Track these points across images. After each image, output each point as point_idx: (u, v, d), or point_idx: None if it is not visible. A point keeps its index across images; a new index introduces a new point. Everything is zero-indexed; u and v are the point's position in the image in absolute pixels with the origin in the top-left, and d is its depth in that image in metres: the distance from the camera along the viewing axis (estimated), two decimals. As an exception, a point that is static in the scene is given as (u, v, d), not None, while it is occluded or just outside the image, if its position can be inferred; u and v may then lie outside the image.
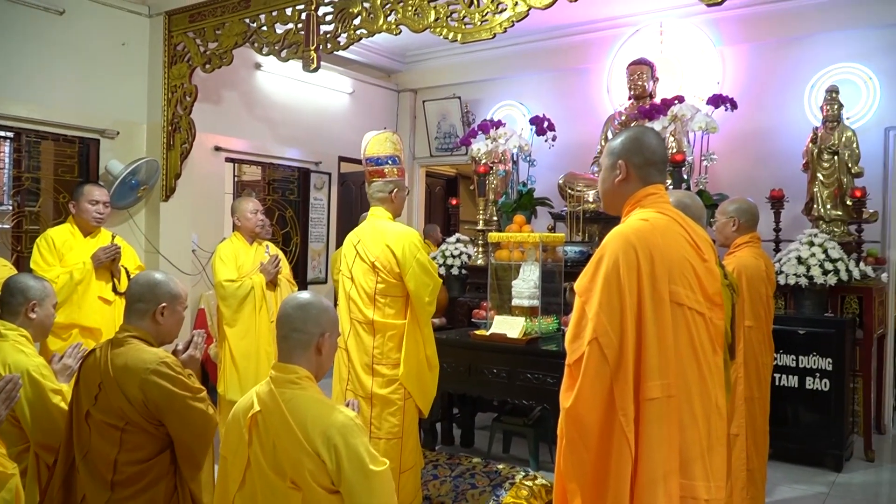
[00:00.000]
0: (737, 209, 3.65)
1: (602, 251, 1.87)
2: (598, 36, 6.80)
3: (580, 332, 1.85)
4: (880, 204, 5.50)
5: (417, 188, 8.30)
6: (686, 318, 1.86)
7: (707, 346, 1.91)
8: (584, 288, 1.88)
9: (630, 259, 1.82)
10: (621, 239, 1.85)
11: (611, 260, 1.83)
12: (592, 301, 1.83)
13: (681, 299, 1.85)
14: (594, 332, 1.79)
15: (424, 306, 3.30)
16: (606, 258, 1.85)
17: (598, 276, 1.84)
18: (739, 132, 6.00)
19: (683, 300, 1.86)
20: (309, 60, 4.61)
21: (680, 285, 1.86)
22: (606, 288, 1.81)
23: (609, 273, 1.82)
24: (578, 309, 1.88)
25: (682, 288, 1.86)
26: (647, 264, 1.82)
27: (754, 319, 3.49)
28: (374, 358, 3.29)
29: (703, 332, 1.90)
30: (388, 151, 3.41)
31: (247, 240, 4.45)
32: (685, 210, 2.66)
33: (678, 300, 1.85)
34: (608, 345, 1.78)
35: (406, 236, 3.27)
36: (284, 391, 1.97)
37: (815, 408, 4.65)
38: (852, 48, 5.64)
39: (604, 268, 1.84)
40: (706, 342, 1.91)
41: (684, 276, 1.88)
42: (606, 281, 1.82)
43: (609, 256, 1.84)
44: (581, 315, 1.86)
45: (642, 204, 1.99)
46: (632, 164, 2.00)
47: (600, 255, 1.87)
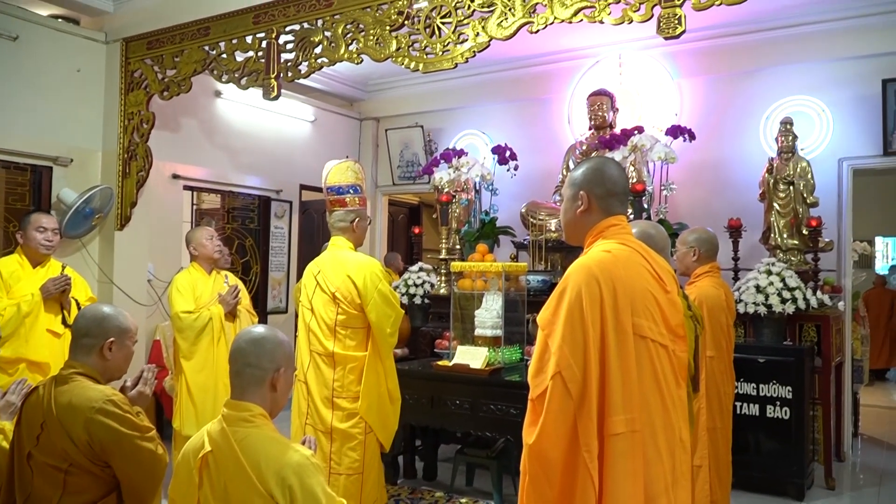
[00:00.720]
0: (697, 239, 3.67)
1: (565, 283, 1.85)
2: (559, 67, 6.88)
3: (543, 366, 1.81)
4: (835, 233, 5.60)
5: (380, 217, 8.26)
6: (649, 351, 1.84)
7: (671, 379, 1.89)
8: (546, 321, 1.85)
9: (593, 291, 1.79)
10: (584, 271, 1.83)
11: (573, 292, 1.81)
12: (555, 334, 1.80)
13: (644, 332, 1.83)
14: (557, 366, 1.76)
15: (386, 338, 3.25)
16: (569, 290, 1.82)
17: (561, 309, 1.82)
18: (698, 162, 6.09)
19: (646, 333, 1.84)
20: (269, 88, 4.56)
21: (643, 317, 1.84)
22: (569, 321, 1.79)
23: (572, 305, 1.79)
24: (541, 342, 1.84)
25: (645, 320, 1.84)
26: (609, 297, 1.80)
27: (716, 349, 3.50)
28: (334, 391, 3.21)
29: (667, 364, 1.88)
30: (350, 180, 3.37)
31: (205, 269, 4.35)
32: (649, 241, 2.66)
33: (641, 333, 1.83)
34: (571, 379, 1.75)
35: (367, 266, 3.23)
36: (237, 430, 1.89)
37: (777, 436, 4.68)
38: (805, 81, 5.78)
39: (566, 300, 1.81)
40: (669, 375, 1.89)
41: (647, 309, 1.86)
42: (569, 313, 1.79)
43: (572, 289, 1.82)
44: (544, 348, 1.83)
45: (604, 235, 1.98)
46: (593, 195, 1.99)
47: (563, 288, 1.85)
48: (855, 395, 6.16)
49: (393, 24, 4.11)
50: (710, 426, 3.46)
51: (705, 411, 3.45)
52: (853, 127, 5.61)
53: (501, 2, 3.77)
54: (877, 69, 5.50)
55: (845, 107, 5.64)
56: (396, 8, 4.10)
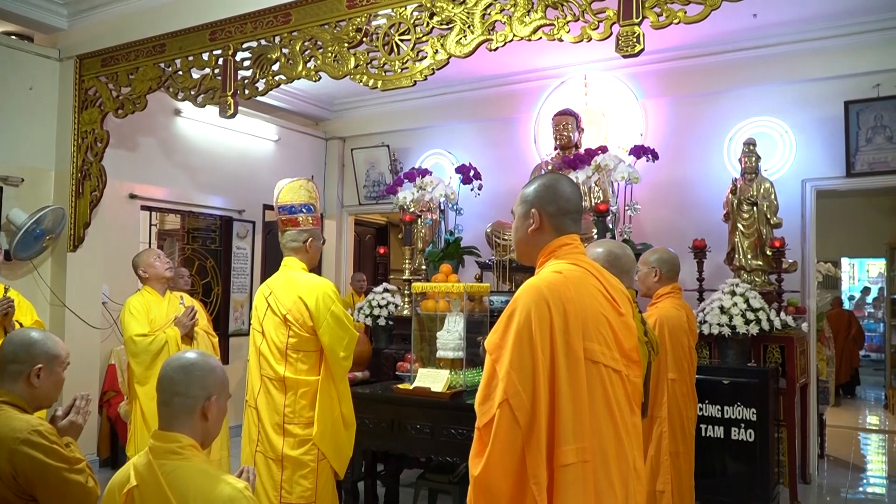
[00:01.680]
0: (658, 259, 3.62)
1: (513, 305, 1.76)
2: (526, 87, 6.86)
3: (490, 392, 1.72)
4: (798, 254, 5.61)
5: (346, 237, 8.15)
6: (602, 377, 1.76)
7: (624, 406, 1.81)
8: (494, 345, 1.76)
9: (542, 314, 1.71)
10: (533, 292, 1.75)
11: (522, 315, 1.72)
12: (503, 359, 1.72)
13: (596, 356, 1.76)
14: (505, 394, 1.67)
15: (339, 361, 3.14)
16: (518, 313, 1.74)
17: (510, 333, 1.73)
18: (662, 182, 6.09)
19: (599, 357, 1.76)
20: (226, 106, 4.46)
21: (595, 342, 1.76)
22: (518, 345, 1.70)
23: (521, 329, 1.71)
24: (489, 368, 1.76)
25: (598, 344, 1.77)
26: (560, 319, 1.72)
27: (677, 372, 3.43)
28: (286, 417, 3.09)
29: (620, 390, 1.81)
30: (303, 199, 3.28)
31: (158, 291, 4.21)
32: (616, 261, 2.59)
33: (593, 357, 1.75)
34: (520, 407, 1.66)
35: (320, 287, 3.12)
36: (164, 463, 1.77)
37: (741, 459, 4.62)
38: (768, 103, 5.81)
39: (515, 323, 1.73)
40: (623, 401, 1.81)
41: (599, 332, 1.78)
42: (518, 337, 1.71)
43: (521, 311, 1.73)
44: (491, 374, 1.74)
45: (556, 255, 1.90)
46: (545, 214, 1.92)
47: (512, 310, 1.76)
48: (821, 417, 6.14)
49: (351, 42, 4.05)
50: (672, 450, 3.38)
51: (667, 435, 3.37)
52: (816, 148, 5.65)
53: (460, 19, 3.72)
54: (839, 91, 5.54)
55: (808, 128, 5.67)
56: (354, 25, 4.03)
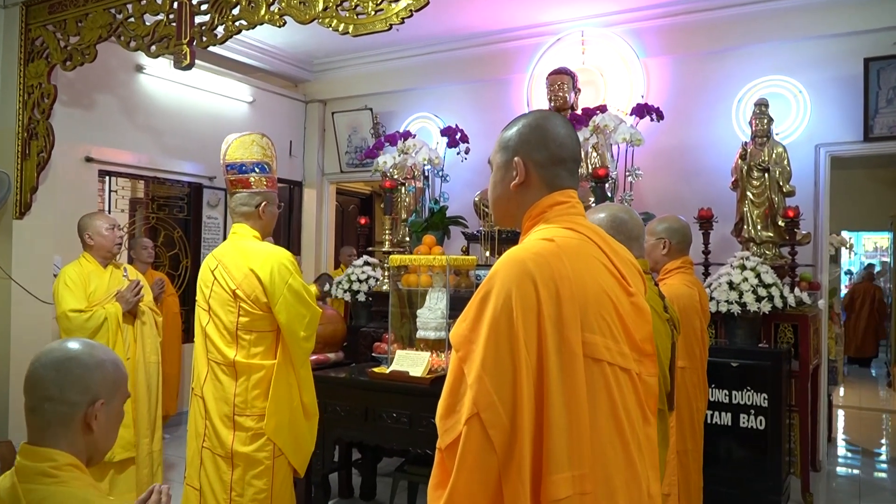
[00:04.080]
0: (666, 229, 3.18)
1: (489, 284, 1.32)
2: (519, 45, 6.36)
3: (456, 403, 1.29)
4: (811, 225, 5.19)
5: (327, 207, 7.68)
6: (607, 379, 1.33)
7: (635, 415, 1.38)
8: (462, 337, 1.33)
9: (527, 296, 1.28)
10: (515, 267, 1.31)
11: (500, 298, 1.29)
12: (473, 358, 1.28)
13: (599, 353, 1.32)
14: (475, 406, 1.24)
15: (300, 342, 2.71)
16: (494, 295, 1.30)
17: (483, 321, 1.30)
18: (666, 147, 5.63)
19: (602, 354, 1.33)
20: (181, 56, 3.98)
21: (598, 333, 1.33)
22: (494, 338, 1.27)
23: (497, 316, 1.28)
24: (454, 369, 1.32)
25: (601, 336, 1.33)
26: (551, 303, 1.28)
27: (688, 359, 3.02)
28: (236, 407, 2.66)
29: (630, 395, 1.38)
30: (255, 157, 2.83)
31: (99, 261, 3.76)
32: (622, 227, 2.17)
33: (595, 354, 1.32)
34: (495, 423, 1.23)
35: (274, 257, 2.68)
36: (34, 487, 1.35)
37: (751, 448, 4.22)
38: (780, 61, 5.34)
39: (490, 309, 1.29)
40: (634, 409, 1.38)
41: (604, 320, 1.34)
42: (494, 328, 1.27)
43: (498, 293, 1.30)
44: (458, 378, 1.30)
45: (546, 217, 1.46)
46: (532, 163, 1.48)
47: (486, 291, 1.32)
48: (829, 398, 5.77)
49: (319, -20, 3.56)
50: (680, 448, 2.98)
51: (675, 431, 2.97)
52: (832, 110, 5.19)
53: (442, -49, 3.23)
54: (858, 47, 5.07)
55: (824, 88, 5.21)
56: (323, -40, 3.54)
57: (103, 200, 5.67)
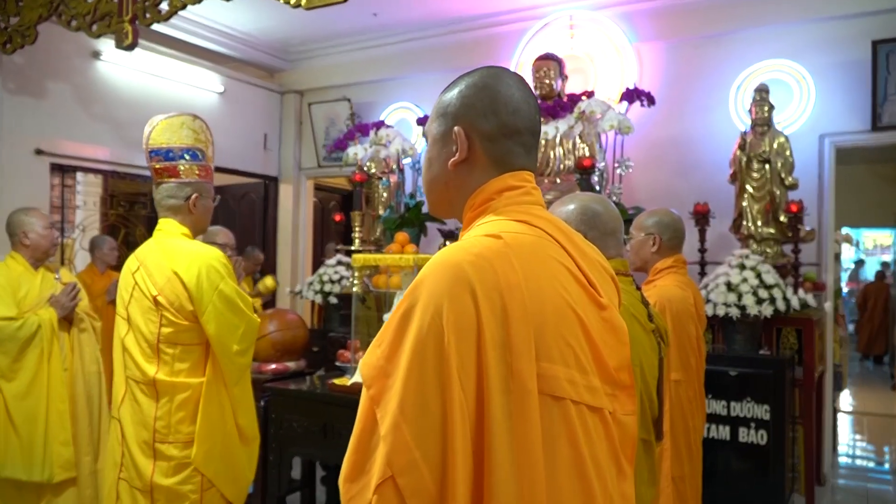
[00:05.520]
0: (657, 223, 2.82)
1: (412, 296, 0.96)
2: (503, 30, 6.00)
3: (365, 461, 0.93)
4: (815, 221, 4.83)
5: (304, 203, 7.30)
6: (570, 424, 0.97)
7: (607, 469, 1.02)
8: (375, 370, 0.96)
9: (463, 313, 0.92)
10: (449, 273, 0.95)
11: (426, 315, 0.93)
12: (389, 399, 0.92)
13: (560, 388, 0.96)
14: (389, 466, 0.89)
15: (232, 357, 2.33)
16: (419, 312, 0.94)
17: (403, 349, 0.94)
18: (659, 138, 5.27)
19: (565, 389, 0.96)
20: (122, 35, 3.60)
21: (559, 361, 0.97)
22: (416, 372, 0.91)
23: (422, 341, 0.92)
24: (364, 413, 0.96)
25: (563, 366, 0.97)
26: (495, 323, 0.92)
27: (683, 370, 2.66)
28: (157, 433, 2.28)
29: (601, 443, 1.01)
30: (186, 142, 2.45)
31: (31, 263, 3.38)
32: (594, 220, 1.82)
33: (555, 390, 0.95)
34: (416, 491, 0.88)
35: (202, 259, 2.31)
36: None
37: (751, 465, 3.87)
38: (782, 44, 4.98)
39: (413, 331, 0.93)
40: (605, 461, 1.02)
41: (566, 343, 0.98)
42: (417, 357, 0.91)
43: (424, 308, 0.94)
44: (368, 427, 0.94)
45: (494, 207, 1.10)
46: (478, 134, 1.12)
47: (408, 306, 0.96)
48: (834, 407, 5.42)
49: (270, -53, 3.19)
50: (676, 474, 2.61)
51: (670, 454, 2.60)
52: (837, 97, 4.83)
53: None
54: (865, 29, 4.71)
55: (828, 74, 4.84)
56: (274, -75, 3.18)
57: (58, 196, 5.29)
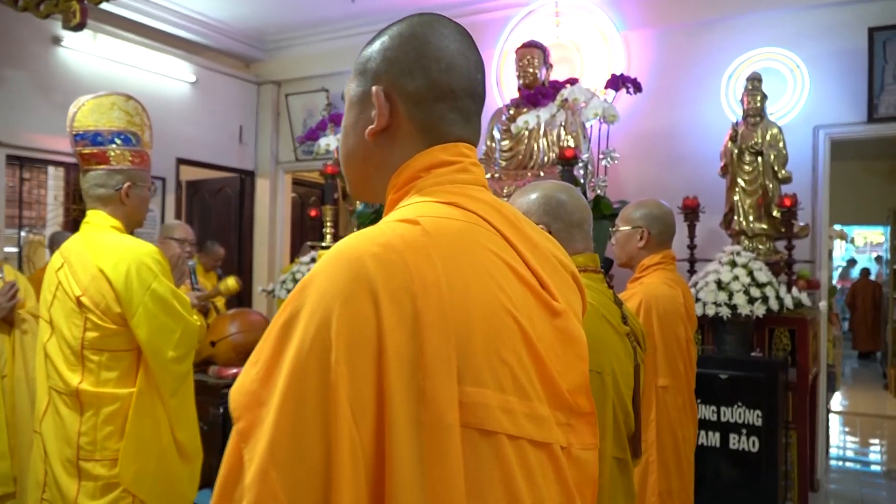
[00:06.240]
0: (645, 216, 2.59)
1: (297, 300, 0.72)
2: (487, 18, 5.77)
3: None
4: (809, 216, 4.62)
5: (282, 198, 7.05)
6: (505, 465, 0.73)
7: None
8: (248, 397, 0.72)
9: (360, 321, 0.69)
10: (344, 270, 0.71)
11: (311, 325, 0.70)
12: (259, 436, 0.69)
13: (491, 419, 0.73)
14: None
15: (166, 365, 2.09)
16: (303, 321, 0.70)
17: (280, 370, 0.70)
18: (647, 130, 5.06)
19: (498, 421, 0.73)
20: (70, 14, 3.35)
21: (490, 384, 0.73)
22: (294, 401, 0.68)
23: (303, 361, 0.69)
24: (230, 453, 0.72)
25: (496, 390, 0.74)
26: (403, 334, 0.70)
27: (671, 376, 2.43)
28: (82, 450, 2.04)
29: (550, 487, 0.78)
30: (116, 124, 2.20)
31: (-33, 261, 3.14)
32: (559, 210, 1.60)
33: (484, 423, 0.72)
34: None
35: (132, 254, 2.06)
36: None
37: (742, 473, 3.65)
38: (775, 31, 4.76)
39: (293, 347, 0.70)
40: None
41: (501, 360, 0.75)
42: (295, 381, 0.68)
43: (309, 316, 0.70)
44: (233, 470, 0.71)
45: (420, 186, 0.87)
46: (402, 96, 0.88)
47: (291, 312, 0.72)
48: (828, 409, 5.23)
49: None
50: (663, 488, 2.39)
51: (656, 466, 2.38)
52: (832, 87, 4.62)
53: None
54: (862, 16, 4.51)
55: (823, 62, 4.64)
56: None
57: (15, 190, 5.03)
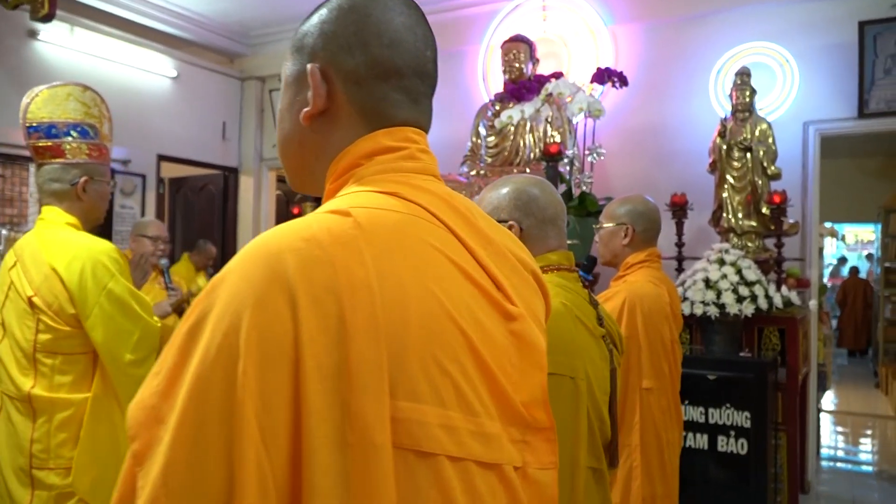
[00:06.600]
0: (630, 212, 2.51)
1: (206, 301, 0.62)
2: (473, 12, 5.68)
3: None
4: (799, 213, 4.55)
5: (266, 197, 6.94)
6: (445, 489, 0.63)
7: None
8: (145, 412, 0.61)
9: (273, 326, 0.59)
10: (260, 266, 0.61)
11: (217, 332, 0.59)
12: (154, 460, 0.58)
13: (427, 438, 0.63)
14: None
15: (124, 369, 1.98)
16: (209, 327, 0.60)
17: (183, 381, 0.59)
18: (635, 126, 4.97)
19: (436, 440, 0.63)
20: (38, 5, 3.24)
21: (427, 398, 0.63)
22: (193, 419, 0.57)
23: (206, 372, 0.58)
24: (124, 477, 0.61)
25: (434, 405, 0.63)
26: (324, 341, 0.59)
27: (655, 378, 2.34)
28: (34, 458, 1.94)
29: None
30: (73, 116, 2.11)
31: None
32: (530, 206, 1.51)
33: (419, 442, 0.62)
34: None
35: (88, 252, 1.96)
36: None
37: (731, 476, 3.58)
38: (764, 26, 4.68)
39: (198, 357, 0.59)
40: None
41: (441, 370, 0.65)
42: (196, 396, 0.58)
43: (217, 321, 0.60)
44: (125, 497, 0.60)
45: (360, 174, 0.77)
46: (340, 75, 0.79)
47: (198, 317, 0.62)
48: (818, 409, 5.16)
49: None
50: (647, 494, 2.30)
51: (640, 472, 2.30)
52: (823, 82, 4.55)
53: None
54: (852, 10, 4.44)
55: (813, 57, 4.56)
56: None
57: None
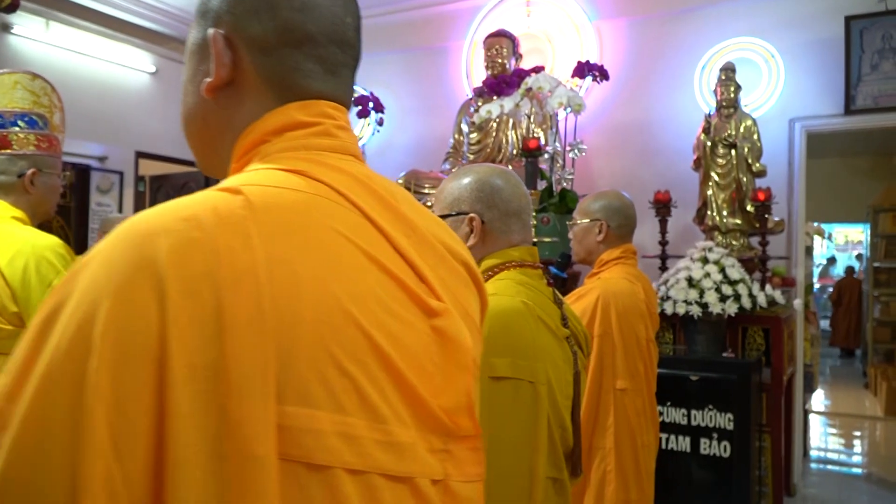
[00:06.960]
0: (604, 208, 2.42)
1: (63, 290, 0.52)
2: (456, 8, 5.60)
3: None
4: (785, 211, 4.49)
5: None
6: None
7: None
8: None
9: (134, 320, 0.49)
10: (127, 250, 0.52)
11: (70, 325, 0.50)
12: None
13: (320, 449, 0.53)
14: None
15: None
16: (63, 319, 0.50)
17: (31, 381, 0.49)
18: (619, 123, 4.90)
19: (331, 450, 0.54)
20: (0, -8, 3.14)
21: (321, 403, 0.54)
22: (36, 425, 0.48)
23: (54, 371, 0.48)
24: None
25: (331, 411, 0.54)
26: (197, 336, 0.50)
27: (630, 378, 2.25)
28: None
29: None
30: (20, 105, 2.03)
31: None
32: (494, 197, 1.42)
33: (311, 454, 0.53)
34: None
35: (33, 248, 1.86)
36: None
37: (713, 479, 3.51)
38: (750, 22, 4.62)
39: (47, 353, 0.49)
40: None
41: (339, 370, 0.55)
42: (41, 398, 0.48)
43: (71, 313, 0.50)
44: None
45: (265, 151, 0.68)
46: (245, 42, 0.70)
47: (53, 307, 0.52)
48: (805, 410, 5.10)
49: None
50: (621, 499, 2.21)
51: (614, 477, 2.21)
52: (808, 78, 4.48)
53: None
54: (838, 5, 4.38)
55: (799, 52, 4.50)
56: None
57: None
